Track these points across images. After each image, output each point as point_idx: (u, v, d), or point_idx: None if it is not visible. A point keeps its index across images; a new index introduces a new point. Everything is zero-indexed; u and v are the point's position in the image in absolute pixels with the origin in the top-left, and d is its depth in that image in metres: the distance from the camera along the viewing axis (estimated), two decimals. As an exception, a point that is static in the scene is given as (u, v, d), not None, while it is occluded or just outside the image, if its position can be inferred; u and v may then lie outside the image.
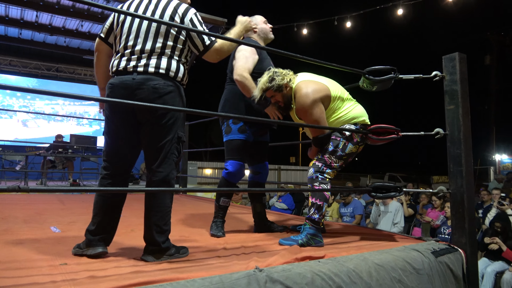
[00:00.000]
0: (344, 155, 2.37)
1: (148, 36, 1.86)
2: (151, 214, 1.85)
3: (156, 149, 1.87)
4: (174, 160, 1.91)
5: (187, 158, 6.30)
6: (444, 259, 2.14)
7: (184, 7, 1.95)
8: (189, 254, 1.95)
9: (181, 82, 1.96)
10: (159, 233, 1.84)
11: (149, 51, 1.85)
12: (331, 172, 2.37)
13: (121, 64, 1.86)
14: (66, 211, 3.67)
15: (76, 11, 7.32)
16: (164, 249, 1.85)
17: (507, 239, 4.34)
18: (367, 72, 2.47)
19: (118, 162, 1.92)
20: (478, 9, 21.15)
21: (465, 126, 2.36)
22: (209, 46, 1.93)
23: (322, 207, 2.27)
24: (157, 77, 1.83)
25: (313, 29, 9.24)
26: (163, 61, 1.86)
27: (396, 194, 2.43)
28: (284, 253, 1.92)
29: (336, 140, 2.37)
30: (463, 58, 2.44)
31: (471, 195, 2.37)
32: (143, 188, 1.90)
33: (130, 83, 1.81)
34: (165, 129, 1.86)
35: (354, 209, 5.80)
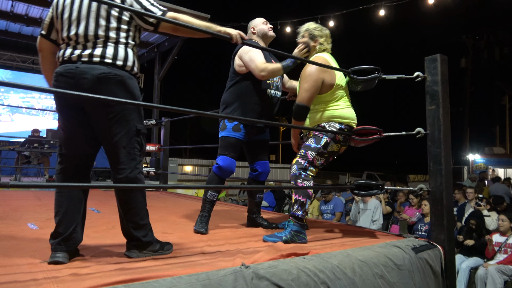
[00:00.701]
0: (326, 153, 2.38)
1: (89, 21, 1.74)
2: (124, 212, 1.80)
3: (112, 145, 1.77)
4: (137, 154, 1.82)
5: (168, 155, 6.24)
6: (424, 255, 2.20)
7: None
8: (173, 250, 1.93)
9: (131, 71, 1.83)
10: (136, 229, 1.80)
11: (93, 37, 1.74)
12: (313, 170, 2.38)
13: (66, 53, 1.76)
14: (43, 208, 3.57)
15: (54, 2, 7.12)
16: (146, 243, 1.81)
17: (481, 235, 4.49)
18: (351, 71, 2.50)
19: (73, 156, 1.81)
20: (455, 13, 21.72)
21: (445, 126, 2.43)
22: (158, 23, 1.83)
23: (305, 203, 2.30)
24: (103, 66, 1.72)
25: (296, 27, 9.29)
26: (109, 48, 1.75)
27: (378, 192, 2.48)
28: (269, 249, 1.92)
29: (319, 137, 2.38)
30: (444, 59, 2.50)
31: (450, 193, 2.44)
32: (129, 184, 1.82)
33: (73, 72, 1.70)
34: (117, 123, 1.75)
35: (335, 207, 5.89)
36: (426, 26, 36.32)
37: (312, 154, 2.37)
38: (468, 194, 6.08)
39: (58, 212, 1.74)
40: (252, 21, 2.91)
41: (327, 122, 2.41)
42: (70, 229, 1.72)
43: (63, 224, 1.72)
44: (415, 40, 48.67)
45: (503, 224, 4.21)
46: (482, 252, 4.31)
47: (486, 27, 20.95)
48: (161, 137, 6.12)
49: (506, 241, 4.15)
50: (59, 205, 1.75)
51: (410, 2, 8.68)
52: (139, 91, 1.88)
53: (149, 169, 6.16)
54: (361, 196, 2.72)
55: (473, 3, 16.80)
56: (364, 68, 2.50)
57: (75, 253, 1.77)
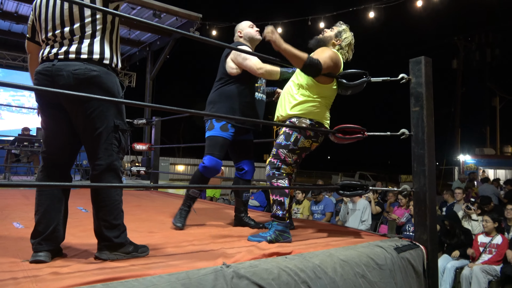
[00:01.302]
0: (297, 149, 2.38)
1: (64, 19, 1.76)
2: (98, 210, 1.77)
3: (91, 141, 1.77)
4: (115, 150, 1.80)
5: (159, 154, 6.22)
6: (406, 255, 2.23)
7: None
8: (159, 250, 1.91)
9: (109, 65, 1.82)
10: (108, 228, 1.75)
11: (68, 35, 1.75)
12: (286, 168, 2.39)
13: (45, 52, 1.79)
14: (30, 207, 3.54)
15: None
16: (117, 244, 1.76)
17: (454, 236, 4.55)
18: (340, 76, 2.51)
19: (54, 155, 1.82)
20: (447, 15, 21.94)
21: (429, 128, 2.46)
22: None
23: (283, 202, 2.30)
24: (78, 62, 1.73)
25: (287, 28, 9.41)
26: (84, 44, 1.75)
27: (363, 192, 2.51)
28: (252, 249, 1.94)
29: (289, 134, 2.39)
30: (428, 61, 2.53)
31: (433, 194, 2.47)
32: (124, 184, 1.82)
33: (50, 69, 1.72)
34: (95, 119, 1.74)
35: (325, 207, 5.92)
36: (417, 27, 36.67)
37: (284, 152, 2.38)
38: (456, 194, 6.15)
39: (37, 211, 1.74)
40: (238, 25, 2.94)
41: (298, 118, 2.41)
42: (50, 228, 1.71)
43: (43, 223, 1.72)
44: (406, 41, 49.06)
45: (487, 225, 4.27)
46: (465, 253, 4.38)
47: (477, 28, 21.20)
48: (152, 136, 6.10)
49: (491, 241, 4.21)
50: (39, 204, 1.75)
51: (401, 4, 8.76)
52: (118, 86, 1.86)
53: (139, 168, 6.13)
54: (346, 197, 2.74)
55: (464, 5, 16.99)
56: (352, 72, 2.51)
57: (58, 252, 1.77)
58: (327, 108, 2.54)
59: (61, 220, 1.79)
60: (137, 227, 2.66)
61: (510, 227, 4.68)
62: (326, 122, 2.50)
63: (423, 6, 9.20)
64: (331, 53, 2.39)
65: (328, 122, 2.53)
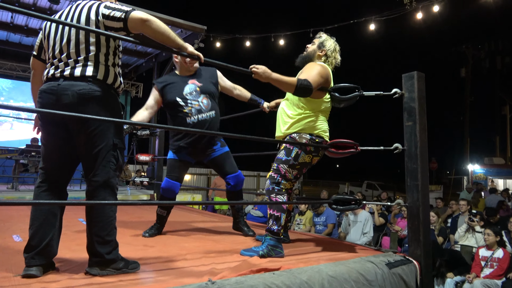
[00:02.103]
0: (297, 164, 2.40)
1: (71, 43, 1.84)
2: (91, 225, 1.80)
3: (90, 158, 1.83)
4: (112, 168, 1.86)
5: (162, 165, 6.28)
6: (398, 271, 2.22)
7: (96, 5, 1.90)
8: (140, 268, 1.90)
9: (112, 86, 1.91)
10: (101, 244, 1.78)
11: (75, 57, 1.84)
12: (286, 183, 2.41)
13: (50, 71, 1.87)
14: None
15: (53, 13, 7.25)
16: (108, 260, 1.78)
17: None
18: (332, 90, 2.54)
19: (52, 171, 1.88)
20: (455, 23, 21.83)
21: (422, 142, 2.47)
22: (125, 17, 1.83)
23: (280, 218, 2.32)
24: (83, 82, 1.81)
25: (289, 40, 9.49)
26: (89, 67, 1.84)
27: (355, 207, 2.52)
28: (241, 264, 1.96)
29: (289, 149, 2.41)
30: (421, 76, 2.55)
31: (427, 209, 2.47)
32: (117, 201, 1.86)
33: (55, 89, 1.80)
34: (95, 137, 1.81)
35: (327, 218, 5.89)
36: (423, 38, 36.51)
37: (284, 167, 2.40)
38: (461, 206, 6.08)
39: (32, 226, 1.79)
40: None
41: (298, 133, 2.44)
42: (43, 242, 1.75)
43: (36, 238, 1.76)
44: (412, 52, 48.90)
45: (488, 239, 4.21)
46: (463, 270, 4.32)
47: (487, 36, 21.01)
48: (156, 147, 6.16)
49: (492, 255, 4.15)
50: (34, 218, 1.79)
51: (405, 15, 8.76)
52: (119, 106, 1.96)
53: (142, 179, 6.19)
54: (339, 211, 2.75)
55: (472, 13, 16.88)
56: (345, 86, 2.54)
57: (50, 266, 1.81)
58: (325, 120, 2.57)
59: (55, 235, 1.82)
60: (133, 241, 2.69)
61: (513, 240, 4.62)
62: (325, 135, 2.52)
63: (428, 16, 9.17)
64: (319, 68, 2.42)
65: (327, 134, 2.55)
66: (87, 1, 1.94)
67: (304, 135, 2.43)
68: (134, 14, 1.83)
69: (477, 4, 9.17)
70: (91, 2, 1.92)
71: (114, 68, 1.93)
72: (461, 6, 11.57)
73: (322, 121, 2.51)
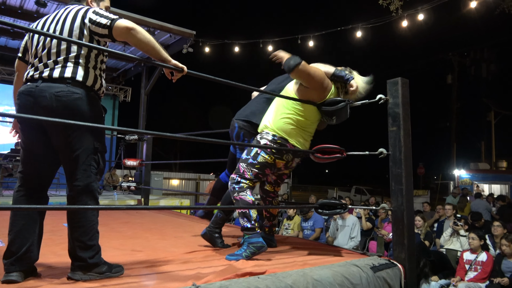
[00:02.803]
0: (257, 164, 2.40)
1: (52, 43, 1.83)
2: (73, 230, 1.78)
3: (69, 162, 1.81)
4: (93, 172, 1.84)
5: (150, 169, 6.23)
6: (382, 274, 2.24)
7: (85, 8, 1.91)
8: (123, 273, 1.88)
9: (92, 88, 1.88)
10: (83, 249, 1.76)
11: (55, 57, 1.82)
12: (246, 182, 2.40)
13: (30, 73, 1.85)
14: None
15: (40, 16, 7.18)
16: (91, 264, 1.76)
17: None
18: (321, 103, 2.51)
19: (31, 175, 1.85)
20: (440, 31, 22.23)
21: (406, 147, 2.50)
22: (111, 25, 1.82)
23: (249, 213, 2.31)
24: (62, 84, 1.78)
25: (278, 46, 9.56)
26: (68, 68, 1.81)
27: (341, 211, 2.54)
28: (226, 268, 1.96)
29: (250, 148, 2.43)
30: (405, 82, 2.59)
31: (411, 213, 2.50)
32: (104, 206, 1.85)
33: (33, 91, 1.77)
34: (75, 140, 1.78)
35: (315, 223, 5.92)
36: (409, 45, 37.08)
37: (243, 166, 2.42)
38: (447, 210, 6.16)
39: (11, 231, 1.76)
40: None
41: (260, 134, 2.47)
42: (23, 248, 1.73)
43: (16, 244, 1.73)
44: (398, 59, 49.51)
45: (473, 243, 4.28)
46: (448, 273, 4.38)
47: (472, 44, 21.49)
48: (144, 152, 6.12)
49: (476, 258, 4.22)
50: (13, 223, 1.76)
51: (391, 23, 8.90)
52: (100, 109, 1.93)
53: (129, 184, 6.14)
54: (325, 215, 2.77)
55: (458, 21, 17.25)
56: (331, 100, 2.50)
57: (31, 272, 1.78)
58: (304, 130, 2.52)
59: (35, 241, 1.80)
60: (120, 245, 2.67)
61: (496, 243, 4.69)
62: (296, 141, 2.47)
63: (414, 24, 9.31)
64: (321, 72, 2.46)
65: (301, 142, 2.50)
66: (76, 6, 1.94)
67: (265, 135, 2.43)
68: (119, 22, 1.82)
69: (462, 13, 9.38)
70: (80, 7, 1.92)
71: (95, 71, 1.90)
72: (446, 14, 11.82)
73: (298, 128, 2.48)
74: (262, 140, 2.42)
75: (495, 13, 9.51)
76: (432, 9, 8.51)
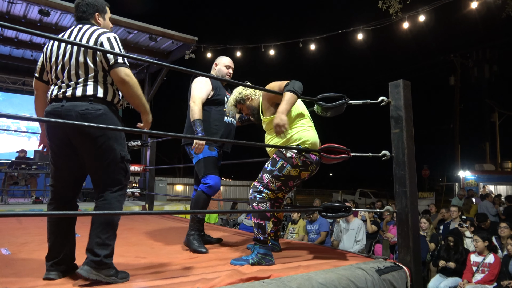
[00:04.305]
0: (282, 176, 2.40)
1: (70, 65, 1.93)
2: (94, 226, 1.87)
3: (99, 172, 1.93)
4: (122, 180, 1.97)
5: (154, 175, 6.24)
6: (388, 277, 2.23)
7: (100, 31, 1.99)
8: (129, 279, 1.92)
9: (112, 103, 2.00)
10: (100, 245, 1.82)
11: (75, 78, 1.92)
12: (268, 192, 2.41)
13: (53, 92, 1.96)
14: (21, 231, 3.57)
15: (43, 25, 7.23)
16: (103, 263, 1.81)
17: (457, 252, 4.51)
18: (318, 99, 2.57)
19: (61, 188, 1.99)
20: (441, 33, 22.21)
21: (409, 149, 2.49)
22: (117, 63, 1.91)
23: (264, 225, 2.32)
24: (85, 102, 1.90)
25: (279, 50, 9.57)
26: (89, 86, 1.92)
27: (345, 214, 2.53)
28: (231, 273, 1.96)
29: (276, 160, 2.42)
30: (407, 84, 2.59)
31: (416, 215, 2.49)
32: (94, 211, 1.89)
33: (59, 110, 1.89)
34: (103, 152, 1.90)
35: (320, 226, 5.89)
36: (411, 47, 37.08)
37: (267, 177, 2.41)
38: (452, 212, 6.12)
39: (49, 239, 1.95)
40: (220, 57, 3.22)
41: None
42: (61, 253, 1.92)
43: (55, 249, 1.92)
44: (400, 61, 49.43)
45: (477, 245, 4.24)
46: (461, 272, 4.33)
47: (474, 45, 21.39)
48: (147, 157, 6.13)
49: (483, 260, 4.18)
50: (50, 232, 1.95)
51: (393, 24, 8.87)
52: (120, 121, 2.06)
53: (133, 190, 6.14)
54: (329, 218, 2.75)
55: (460, 22, 17.21)
56: (330, 95, 2.56)
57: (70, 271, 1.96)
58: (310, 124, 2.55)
59: (72, 245, 1.99)
60: (124, 252, 2.67)
61: (503, 245, 4.65)
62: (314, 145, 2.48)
63: (415, 26, 9.28)
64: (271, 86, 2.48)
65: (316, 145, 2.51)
66: (90, 27, 2.02)
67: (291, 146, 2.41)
68: (119, 70, 1.90)
69: (463, 14, 9.35)
70: (93, 29, 1.99)
71: (112, 86, 2.01)
72: (448, 16, 11.79)
73: (306, 129, 2.50)
74: (288, 151, 2.40)
75: (495, 14, 9.47)
76: (433, 10, 8.48)
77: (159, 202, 7.97)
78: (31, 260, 2.34)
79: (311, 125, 2.57)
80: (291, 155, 2.40)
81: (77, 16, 2.12)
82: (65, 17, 7.06)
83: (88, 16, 2.11)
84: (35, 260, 2.32)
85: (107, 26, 2.21)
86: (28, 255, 2.44)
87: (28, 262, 2.27)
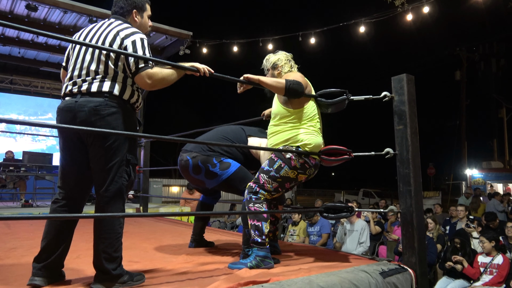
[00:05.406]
0: (279, 177, 2.31)
1: (91, 61, 1.88)
2: (99, 241, 1.81)
3: (103, 173, 1.84)
4: (124, 183, 1.87)
5: (148, 176, 6.09)
6: (392, 280, 2.14)
7: (127, 31, 1.92)
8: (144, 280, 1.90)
9: (128, 102, 1.94)
10: (108, 260, 1.79)
11: (93, 75, 1.87)
12: (264, 193, 2.33)
13: (68, 87, 1.90)
14: (9, 236, 3.47)
15: (31, 21, 7.04)
16: (115, 276, 1.79)
17: (465, 254, 4.39)
18: (318, 95, 2.49)
19: (69, 186, 1.91)
20: (447, 26, 21.96)
21: (413, 146, 2.40)
22: (139, 69, 1.85)
23: (261, 227, 2.23)
24: (99, 98, 1.83)
25: (278, 44, 9.37)
26: (106, 83, 1.86)
27: (347, 214, 2.44)
28: (229, 277, 1.89)
29: (273, 160, 2.34)
30: (410, 79, 2.49)
31: (420, 215, 2.39)
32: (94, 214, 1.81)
33: (72, 106, 1.83)
34: (110, 152, 1.83)
35: (321, 228, 5.78)
36: (416, 40, 36.64)
37: (264, 177, 2.33)
38: (459, 212, 6.01)
39: (44, 238, 1.84)
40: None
41: (283, 145, 2.35)
42: (52, 257, 1.81)
43: (47, 251, 1.81)
44: (404, 55, 48.88)
45: (484, 246, 4.13)
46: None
47: (481, 39, 20.99)
48: (141, 158, 5.97)
49: (491, 261, 4.06)
50: (47, 232, 1.84)
51: (396, 17, 8.63)
52: (135, 122, 1.99)
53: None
54: (331, 219, 2.67)
55: (466, 15, 16.94)
56: (331, 91, 2.50)
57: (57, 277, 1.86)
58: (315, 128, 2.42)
59: (64, 251, 1.88)
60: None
61: (511, 245, 4.53)
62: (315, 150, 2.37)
63: (420, 18, 9.03)
64: (299, 74, 2.40)
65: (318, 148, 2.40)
66: (119, 24, 1.96)
67: (290, 148, 2.32)
68: (140, 76, 1.85)
69: (469, 7, 9.17)
70: (122, 28, 1.93)
71: (132, 86, 1.94)
72: (453, 8, 11.59)
73: (311, 133, 2.38)
74: (287, 153, 2.31)
75: (502, 7, 9.27)
76: (438, 2, 8.26)
77: (154, 205, 7.73)
78: (20, 265, 2.27)
79: (317, 129, 2.44)
80: (290, 156, 2.31)
81: (113, 10, 2.05)
82: (53, 12, 6.77)
83: (125, 13, 2.05)
84: (23, 265, 2.24)
85: (144, 25, 2.14)
86: (17, 260, 2.38)
87: (16, 268, 2.20)
